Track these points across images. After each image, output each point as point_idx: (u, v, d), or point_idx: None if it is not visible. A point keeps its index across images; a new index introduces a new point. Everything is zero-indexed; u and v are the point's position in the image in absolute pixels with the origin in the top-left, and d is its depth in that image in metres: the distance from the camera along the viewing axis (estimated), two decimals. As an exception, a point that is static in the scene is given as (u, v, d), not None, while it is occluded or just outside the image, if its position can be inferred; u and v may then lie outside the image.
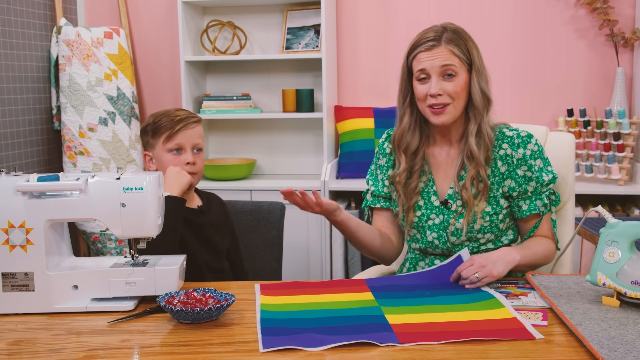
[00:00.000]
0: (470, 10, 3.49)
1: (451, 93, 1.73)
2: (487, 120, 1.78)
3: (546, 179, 1.77)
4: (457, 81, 1.73)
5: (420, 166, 1.83)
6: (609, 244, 1.47)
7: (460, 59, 1.73)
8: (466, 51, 1.74)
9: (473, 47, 1.76)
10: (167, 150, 1.92)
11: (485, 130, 1.76)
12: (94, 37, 3.36)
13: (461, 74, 1.73)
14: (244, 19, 3.65)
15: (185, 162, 1.91)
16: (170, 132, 1.91)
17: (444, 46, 1.72)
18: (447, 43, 1.72)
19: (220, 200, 2.10)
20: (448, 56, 1.72)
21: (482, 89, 1.76)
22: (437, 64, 1.72)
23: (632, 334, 1.28)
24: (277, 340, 1.29)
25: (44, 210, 1.52)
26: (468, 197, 1.76)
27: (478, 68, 1.75)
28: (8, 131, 3.09)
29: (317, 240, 3.27)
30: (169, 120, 1.91)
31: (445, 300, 1.53)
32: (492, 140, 1.77)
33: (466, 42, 1.75)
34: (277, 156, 3.72)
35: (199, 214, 1.97)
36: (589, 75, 3.44)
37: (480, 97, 1.75)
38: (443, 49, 1.72)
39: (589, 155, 3.26)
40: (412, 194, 1.83)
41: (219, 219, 2.03)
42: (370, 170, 1.97)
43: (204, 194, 2.06)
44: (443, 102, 1.73)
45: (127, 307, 1.51)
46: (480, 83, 1.76)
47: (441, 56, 1.72)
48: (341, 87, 3.66)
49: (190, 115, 1.95)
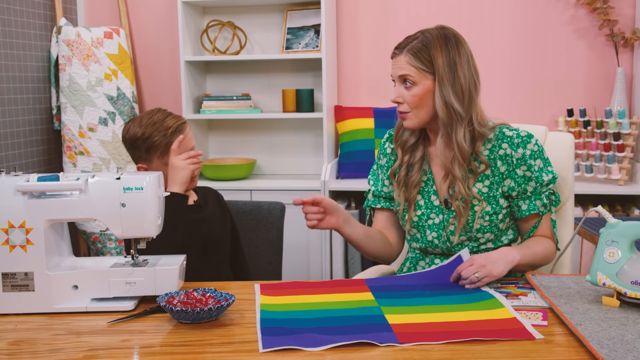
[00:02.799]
0: (470, 10, 3.49)
1: (409, 102, 1.75)
2: (461, 134, 1.73)
3: (546, 179, 1.77)
4: (414, 90, 1.73)
5: (419, 159, 1.84)
6: (609, 244, 1.47)
7: (417, 69, 1.72)
8: (427, 61, 1.72)
9: (441, 56, 1.71)
10: (165, 164, 1.88)
11: (457, 143, 1.73)
12: (94, 37, 3.36)
13: (421, 84, 1.73)
14: (244, 19, 3.65)
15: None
16: (167, 148, 1.87)
17: (403, 56, 1.74)
18: (406, 53, 1.74)
19: (214, 193, 2.11)
20: (405, 66, 1.74)
21: (446, 102, 1.71)
22: (396, 73, 1.76)
23: (632, 334, 1.28)
24: (277, 340, 1.29)
25: (44, 210, 1.52)
26: (457, 206, 1.76)
27: (442, 78, 1.71)
28: (8, 131, 3.09)
29: (317, 240, 3.27)
30: (162, 135, 1.87)
31: (445, 300, 1.53)
32: (465, 155, 1.74)
33: (432, 50, 1.72)
34: (277, 156, 3.72)
35: (197, 209, 1.98)
36: (589, 75, 3.44)
37: (443, 109, 1.72)
38: (402, 58, 1.74)
39: (589, 155, 3.26)
40: (413, 186, 1.83)
41: (215, 212, 2.04)
42: (372, 171, 1.98)
43: (198, 189, 2.06)
44: (402, 110, 1.77)
45: (127, 307, 1.51)
46: (445, 95, 1.71)
47: (400, 66, 1.75)
48: (341, 87, 3.66)
49: (179, 122, 1.90)
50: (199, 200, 2.01)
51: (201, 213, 1.97)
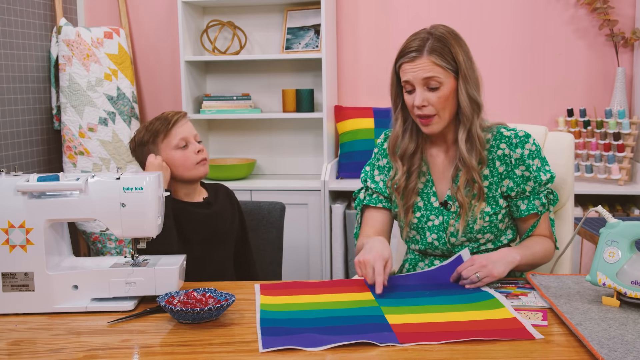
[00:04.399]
0: (470, 10, 3.49)
1: (435, 104, 1.70)
2: (477, 124, 1.74)
3: (544, 178, 1.77)
4: (441, 92, 1.69)
5: (418, 166, 1.83)
6: (609, 244, 1.47)
7: (444, 69, 1.68)
8: (451, 59, 1.69)
9: (460, 52, 1.70)
10: (174, 147, 1.94)
11: (475, 134, 1.74)
12: (94, 37, 3.36)
13: (446, 83, 1.70)
14: (244, 19, 3.65)
15: (195, 151, 1.95)
16: (167, 130, 1.94)
17: (426, 57, 1.68)
18: (429, 53, 1.68)
19: (226, 190, 2.13)
20: (430, 67, 1.68)
21: (470, 95, 1.72)
22: (419, 76, 1.69)
23: (632, 334, 1.28)
24: (277, 340, 1.29)
25: (44, 210, 1.52)
26: (463, 200, 1.76)
27: (465, 74, 1.70)
28: (8, 131, 3.09)
29: (317, 240, 3.27)
30: (161, 122, 1.95)
31: (445, 300, 1.53)
32: (483, 143, 1.75)
33: (451, 47, 1.69)
34: (277, 156, 3.72)
35: (205, 206, 2.01)
36: (589, 75, 3.44)
37: (468, 104, 1.72)
38: (425, 60, 1.68)
39: (589, 155, 3.26)
40: (411, 194, 1.82)
41: (225, 209, 2.06)
42: (365, 171, 1.94)
43: (210, 186, 2.10)
44: (428, 113, 1.72)
45: (127, 307, 1.51)
46: (468, 89, 1.71)
47: (423, 68, 1.68)
48: (341, 87, 3.66)
49: (177, 113, 1.99)
50: (208, 197, 2.04)
51: (210, 209, 2.01)
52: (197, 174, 1.97)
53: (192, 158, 1.94)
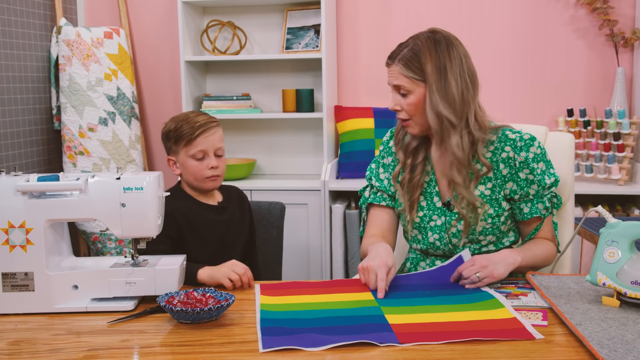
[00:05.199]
0: (470, 10, 3.49)
1: (407, 110, 1.75)
2: (455, 141, 1.71)
3: (548, 182, 1.77)
4: (409, 99, 1.73)
5: (422, 160, 1.83)
6: (609, 244, 1.47)
7: (409, 78, 1.71)
8: (418, 70, 1.70)
9: (431, 64, 1.69)
10: (190, 156, 1.94)
11: (452, 149, 1.72)
12: (94, 37, 3.36)
13: (416, 92, 1.72)
14: (244, 19, 3.65)
15: (208, 167, 1.94)
16: (191, 138, 1.92)
17: (395, 65, 1.74)
18: (398, 62, 1.73)
19: (239, 194, 2.12)
20: (397, 76, 1.74)
21: (436, 110, 1.70)
22: (391, 82, 1.76)
23: (632, 334, 1.28)
24: (277, 340, 1.29)
25: (44, 210, 1.52)
26: (461, 210, 1.76)
27: (432, 87, 1.69)
28: (8, 131, 3.09)
29: (317, 240, 3.27)
30: (190, 127, 1.93)
31: (445, 300, 1.53)
32: (462, 160, 1.73)
33: (422, 58, 1.70)
34: (277, 156, 3.72)
35: (220, 211, 2.00)
36: (589, 75, 3.44)
37: (433, 118, 1.70)
38: (394, 67, 1.74)
39: (589, 155, 3.26)
40: (416, 188, 1.82)
41: (236, 214, 2.06)
42: (370, 169, 1.94)
43: (223, 187, 2.09)
44: (402, 117, 1.77)
45: (127, 307, 1.51)
46: (434, 103, 1.69)
47: (393, 75, 1.75)
48: (341, 87, 3.66)
49: (209, 120, 1.96)
50: (223, 201, 2.03)
51: (223, 215, 2.00)
52: (203, 187, 1.97)
53: (204, 172, 1.94)
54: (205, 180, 1.95)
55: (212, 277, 1.70)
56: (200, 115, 1.98)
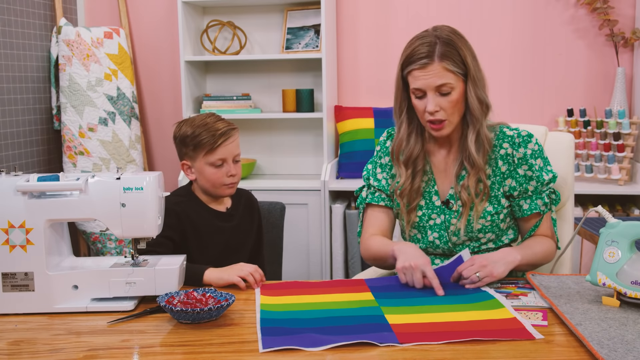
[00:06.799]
0: (470, 10, 3.49)
1: (447, 108, 1.70)
2: (485, 124, 1.75)
3: (546, 178, 1.77)
4: (452, 96, 1.69)
5: (422, 167, 1.83)
6: (609, 244, 1.47)
7: (455, 74, 1.68)
8: (460, 62, 1.69)
9: (467, 54, 1.70)
10: (209, 164, 1.90)
11: (483, 134, 1.75)
12: (94, 37, 3.36)
13: (457, 87, 1.69)
14: (244, 19, 3.65)
15: (227, 174, 1.91)
16: (212, 147, 1.89)
17: (438, 63, 1.66)
18: (440, 59, 1.66)
19: (249, 200, 2.09)
20: (442, 74, 1.67)
21: (479, 97, 1.72)
22: (432, 84, 1.68)
23: (632, 334, 1.28)
24: (277, 340, 1.29)
25: (44, 210, 1.52)
26: (467, 198, 1.75)
27: (474, 76, 1.70)
28: (8, 131, 3.09)
29: (317, 240, 3.27)
30: (210, 135, 1.88)
31: (445, 300, 1.53)
32: (491, 143, 1.76)
33: (459, 50, 1.69)
34: (277, 156, 3.72)
35: (227, 218, 1.98)
36: (589, 75, 3.44)
37: (477, 105, 1.72)
38: (437, 66, 1.66)
39: (589, 155, 3.26)
40: (416, 195, 1.82)
41: (244, 221, 2.03)
42: (367, 169, 1.93)
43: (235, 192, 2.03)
44: (440, 118, 1.71)
45: (127, 307, 1.51)
46: (477, 91, 1.71)
47: (436, 75, 1.67)
48: (341, 87, 3.66)
49: (229, 128, 1.92)
50: (231, 208, 2.01)
51: (231, 222, 1.98)
52: (220, 194, 1.94)
53: (222, 179, 1.91)
54: (223, 187, 1.92)
55: (221, 278, 1.68)
56: (219, 121, 1.92)
